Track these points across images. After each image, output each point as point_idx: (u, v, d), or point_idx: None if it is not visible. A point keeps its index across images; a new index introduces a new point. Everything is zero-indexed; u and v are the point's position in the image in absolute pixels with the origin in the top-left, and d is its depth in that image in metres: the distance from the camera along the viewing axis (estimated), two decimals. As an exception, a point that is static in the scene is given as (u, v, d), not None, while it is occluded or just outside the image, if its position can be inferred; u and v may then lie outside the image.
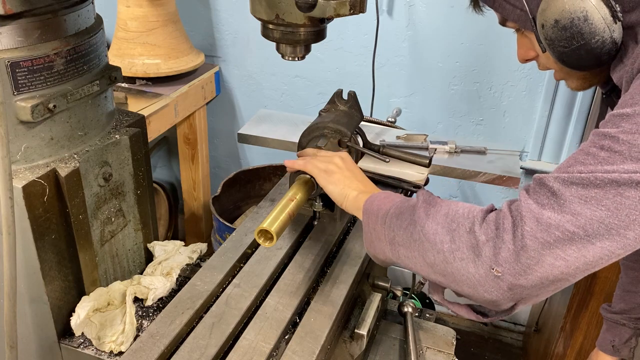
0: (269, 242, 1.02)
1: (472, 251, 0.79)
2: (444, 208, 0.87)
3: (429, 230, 0.85)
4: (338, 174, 1.10)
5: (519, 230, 0.76)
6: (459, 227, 0.82)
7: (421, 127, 2.44)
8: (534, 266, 0.75)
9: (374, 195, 1.02)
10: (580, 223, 0.73)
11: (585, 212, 0.72)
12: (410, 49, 2.33)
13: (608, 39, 0.84)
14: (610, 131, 0.75)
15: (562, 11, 0.84)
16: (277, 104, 2.65)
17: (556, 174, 0.77)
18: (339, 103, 1.34)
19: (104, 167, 1.14)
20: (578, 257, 0.73)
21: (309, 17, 1.03)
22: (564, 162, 0.79)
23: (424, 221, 0.87)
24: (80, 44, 1.06)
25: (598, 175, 0.73)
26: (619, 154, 0.73)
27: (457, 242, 0.81)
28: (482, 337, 2.74)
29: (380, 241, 0.95)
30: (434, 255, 0.84)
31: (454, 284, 0.83)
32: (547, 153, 2.36)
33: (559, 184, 0.75)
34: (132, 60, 2.26)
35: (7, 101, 0.97)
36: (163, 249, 1.32)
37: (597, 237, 0.72)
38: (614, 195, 0.71)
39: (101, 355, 1.09)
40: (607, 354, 1.43)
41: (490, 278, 0.77)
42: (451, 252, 0.81)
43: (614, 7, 0.82)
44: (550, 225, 0.74)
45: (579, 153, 0.78)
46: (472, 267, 0.79)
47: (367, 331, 1.14)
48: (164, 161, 3.06)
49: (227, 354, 0.99)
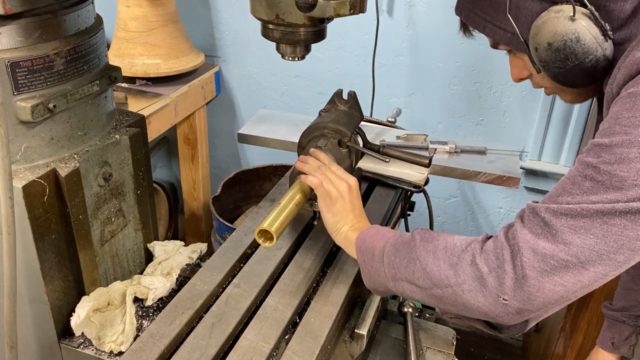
0: (269, 242, 1.02)
1: (478, 282, 0.85)
2: (441, 243, 0.92)
3: (432, 267, 0.90)
4: (339, 205, 1.11)
5: (518, 260, 0.81)
6: (460, 260, 0.87)
7: (421, 127, 2.44)
8: (536, 293, 0.81)
9: (363, 232, 1.06)
10: (572, 252, 0.78)
11: (576, 241, 0.78)
12: (410, 49, 2.33)
13: (601, 56, 0.87)
14: (592, 161, 0.79)
15: (554, 34, 0.87)
16: (277, 104, 2.65)
17: (547, 205, 0.82)
18: (339, 103, 1.33)
19: (104, 167, 1.14)
20: (575, 282, 0.79)
21: (309, 17, 1.03)
22: (554, 190, 0.84)
23: (425, 259, 0.91)
24: (80, 44, 1.06)
25: (584, 207, 0.78)
26: (602, 184, 0.77)
27: (462, 275, 0.86)
28: (482, 337, 2.73)
29: (380, 277, 1.00)
30: (442, 290, 0.89)
31: (465, 312, 0.90)
32: (547, 153, 2.36)
33: (549, 215, 0.80)
34: (132, 60, 2.26)
35: (7, 101, 0.97)
36: (163, 249, 1.32)
37: (590, 263, 0.78)
38: (600, 224, 0.77)
39: (101, 355, 1.09)
40: (607, 351, 1.43)
41: (499, 305, 0.83)
42: (458, 285, 0.87)
43: (603, 26, 0.86)
44: (545, 255, 0.79)
45: (566, 182, 0.82)
46: (481, 297, 0.85)
47: (367, 331, 1.14)
48: (164, 161, 3.06)
49: (227, 354, 0.99)
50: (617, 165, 0.76)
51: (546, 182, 2.41)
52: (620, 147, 0.76)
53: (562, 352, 2.07)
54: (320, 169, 1.14)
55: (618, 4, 0.86)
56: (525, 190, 2.48)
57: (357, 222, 1.10)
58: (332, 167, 1.16)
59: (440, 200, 2.61)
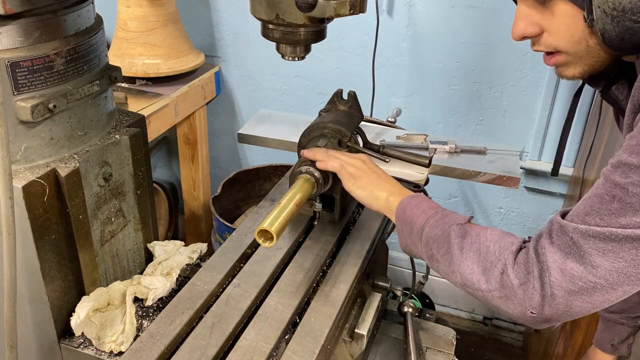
0: (269, 242, 1.02)
1: (509, 291, 0.86)
2: (475, 243, 0.92)
3: (465, 269, 0.92)
4: (365, 178, 1.12)
5: (547, 278, 0.82)
6: (493, 267, 0.88)
7: (421, 127, 2.44)
8: (564, 309, 0.83)
9: (405, 201, 1.06)
10: (601, 274, 0.79)
11: (604, 264, 0.79)
12: (410, 49, 2.33)
13: None
14: (620, 181, 0.78)
15: None
16: (277, 104, 2.65)
17: (575, 225, 0.82)
18: (339, 103, 1.33)
19: (104, 167, 1.14)
20: (603, 300, 0.81)
21: (309, 17, 1.03)
22: (582, 205, 0.83)
23: (458, 260, 0.93)
24: (80, 44, 1.06)
25: (613, 231, 0.77)
26: (630, 206, 0.77)
27: (493, 283, 0.88)
28: (482, 337, 2.73)
29: (416, 249, 1.04)
30: (473, 291, 0.92)
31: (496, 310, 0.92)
32: (547, 153, 2.36)
33: (578, 236, 0.81)
34: (132, 60, 2.26)
35: (7, 101, 0.97)
36: (163, 249, 1.32)
37: (619, 285, 0.79)
38: (629, 249, 0.77)
39: (101, 355, 1.09)
40: (607, 352, 1.43)
41: (527, 315, 0.86)
42: (489, 291, 0.89)
43: None
44: (573, 277, 0.80)
45: (594, 200, 0.81)
46: (510, 305, 0.87)
47: (367, 331, 1.14)
48: (164, 161, 3.06)
49: (227, 354, 0.99)
50: None
51: (546, 182, 2.41)
52: None
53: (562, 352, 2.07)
54: (331, 155, 1.17)
55: None
56: (525, 190, 2.48)
57: (391, 186, 1.12)
58: (338, 153, 1.19)
59: (440, 200, 2.61)
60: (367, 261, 1.26)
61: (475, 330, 2.77)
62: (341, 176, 1.14)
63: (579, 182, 2.13)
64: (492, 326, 2.79)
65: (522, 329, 2.76)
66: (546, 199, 2.48)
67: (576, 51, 0.89)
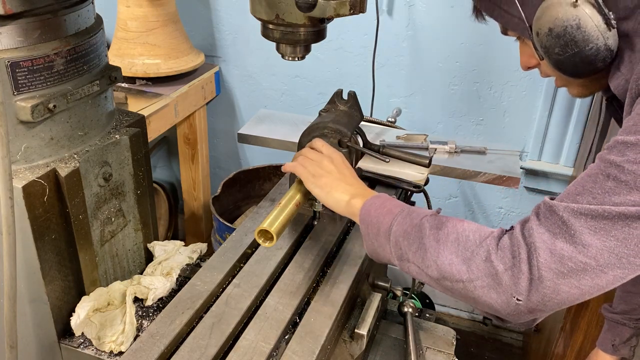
0: (269, 242, 1.02)
1: (492, 279, 0.82)
2: (451, 232, 0.88)
3: (443, 261, 0.87)
4: (325, 178, 1.08)
5: (534, 260, 0.79)
6: (474, 255, 0.84)
7: (421, 127, 2.44)
8: (551, 294, 0.79)
9: (368, 202, 1.01)
10: (591, 254, 0.76)
11: (595, 243, 0.75)
12: (410, 49, 2.33)
13: (602, 46, 0.85)
14: (616, 159, 0.76)
15: (555, 19, 0.85)
16: (277, 104, 2.65)
17: (566, 203, 0.79)
18: (339, 103, 1.33)
19: (104, 167, 1.14)
20: (592, 285, 0.78)
21: (309, 17, 1.03)
22: (573, 187, 0.81)
23: (435, 251, 0.88)
24: (80, 44, 1.06)
25: (606, 208, 0.75)
26: (625, 184, 0.75)
27: (476, 271, 0.84)
28: (482, 337, 2.73)
29: (385, 252, 0.98)
30: (452, 283, 0.87)
31: (475, 305, 0.87)
32: (547, 153, 2.36)
33: (568, 214, 0.78)
34: (132, 60, 2.26)
35: (7, 101, 0.97)
36: (163, 249, 1.32)
37: (609, 267, 0.76)
38: (622, 227, 0.74)
39: (101, 355, 1.09)
40: (608, 353, 1.43)
41: (512, 304, 0.81)
42: (470, 281, 0.84)
43: (607, 15, 0.83)
44: (563, 257, 0.77)
45: (586, 180, 0.80)
46: (494, 294, 0.83)
47: (367, 331, 1.14)
48: (164, 161, 3.06)
49: (227, 354, 0.99)
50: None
51: (546, 182, 2.41)
52: None
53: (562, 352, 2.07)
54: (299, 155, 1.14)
55: None
56: (525, 190, 2.48)
57: (354, 188, 1.07)
58: (316, 144, 1.16)
59: (440, 200, 2.61)
60: (367, 261, 1.26)
61: (475, 330, 2.77)
62: (299, 175, 1.11)
63: (579, 182, 2.13)
64: (492, 326, 2.79)
65: (522, 329, 2.76)
66: (546, 199, 2.48)
67: (560, 76, 0.98)
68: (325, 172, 1.09)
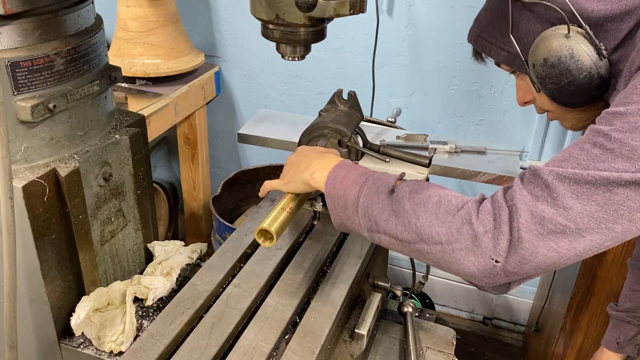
0: (269, 242, 1.02)
1: (472, 242, 0.82)
2: (433, 195, 0.88)
3: (422, 222, 0.86)
4: (289, 171, 1.07)
5: (515, 222, 0.79)
6: (455, 218, 0.84)
7: (421, 127, 2.44)
8: (529, 257, 0.79)
9: (331, 175, 0.98)
10: (571, 217, 0.77)
11: (576, 207, 0.77)
12: (410, 49, 2.33)
13: (595, 74, 0.89)
14: (604, 129, 0.78)
15: (550, 50, 0.90)
16: (277, 104, 2.65)
17: (550, 167, 0.80)
18: (339, 103, 1.34)
19: (104, 167, 1.15)
20: (569, 249, 0.78)
21: (309, 17, 1.03)
22: (559, 154, 0.82)
23: (414, 212, 0.87)
24: (80, 44, 1.06)
25: (590, 173, 0.76)
26: (611, 152, 0.76)
27: (455, 234, 0.83)
28: (482, 337, 2.73)
29: (353, 225, 0.96)
30: (428, 246, 0.86)
31: (449, 269, 0.86)
32: (547, 153, 2.36)
33: (552, 178, 0.79)
34: (132, 60, 2.26)
35: (7, 101, 0.97)
36: (163, 249, 1.32)
37: (587, 231, 0.77)
38: (603, 192, 0.76)
39: (101, 355, 1.09)
40: (612, 351, 1.43)
41: (489, 266, 0.81)
42: (449, 243, 0.84)
43: (598, 45, 0.88)
44: (543, 219, 0.78)
45: (573, 147, 0.81)
46: (472, 256, 0.82)
47: (367, 331, 1.14)
48: (164, 161, 3.06)
49: (227, 354, 0.99)
50: (630, 133, 0.75)
51: (546, 182, 2.41)
52: (636, 115, 0.75)
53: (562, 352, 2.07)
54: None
55: (614, 24, 0.88)
56: (525, 190, 2.48)
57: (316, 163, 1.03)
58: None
59: (440, 200, 2.61)
60: (367, 261, 1.26)
61: (475, 330, 2.77)
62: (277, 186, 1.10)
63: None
64: (492, 326, 2.79)
65: (522, 329, 2.76)
66: (546, 199, 2.48)
67: (555, 109, 1.02)
68: (288, 167, 1.09)
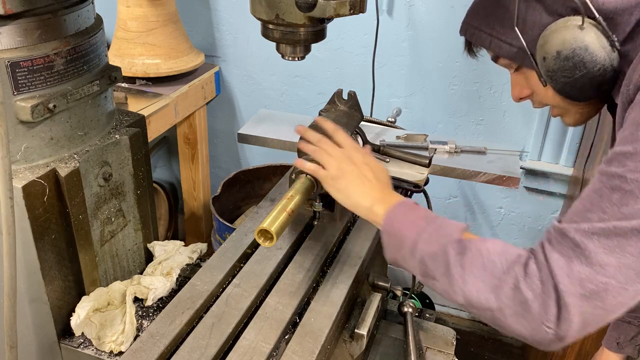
0: (269, 242, 1.02)
1: (522, 307, 0.81)
2: (477, 259, 0.86)
3: (470, 289, 0.85)
4: (344, 179, 1.03)
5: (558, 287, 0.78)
6: (503, 283, 0.82)
7: (421, 127, 2.44)
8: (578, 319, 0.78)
9: (390, 212, 0.97)
10: (610, 273, 0.75)
11: (612, 262, 0.75)
12: (410, 49, 2.33)
13: (609, 66, 0.88)
14: (617, 171, 0.77)
15: (563, 42, 0.88)
16: (277, 104, 2.65)
17: (576, 225, 0.79)
18: (339, 103, 1.33)
19: (104, 167, 1.14)
20: (615, 304, 0.77)
21: (309, 17, 1.03)
22: (579, 204, 0.81)
23: (462, 279, 0.86)
24: (80, 44, 1.06)
25: (617, 224, 0.75)
26: (631, 194, 0.75)
27: (505, 299, 0.82)
28: (482, 337, 2.73)
29: (407, 264, 0.96)
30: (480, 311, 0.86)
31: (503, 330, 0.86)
32: (547, 153, 2.36)
33: (580, 236, 0.77)
34: (132, 60, 2.26)
35: (7, 101, 0.97)
36: (163, 249, 1.32)
37: (629, 283, 0.76)
38: (635, 242, 0.74)
39: (101, 355, 1.09)
40: (613, 351, 1.43)
41: (541, 331, 0.80)
42: (500, 310, 0.83)
43: (611, 37, 0.87)
44: (582, 280, 0.76)
45: (592, 196, 0.79)
46: (524, 322, 0.81)
47: (367, 331, 1.14)
48: (164, 161, 3.06)
49: (227, 354, 0.99)
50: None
51: (546, 182, 2.41)
52: None
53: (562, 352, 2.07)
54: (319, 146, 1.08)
55: (624, 17, 0.87)
56: (525, 190, 2.48)
57: (376, 192, 1.02)
58: (338, 137, 1.09)
59: (440, 200, 2.61)
60: (367, 261, 1.26)
61: (475, 330, 2.77)
62: (319, 178, 1.07)
63: (579, 182, 2.13)
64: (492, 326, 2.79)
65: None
66: (546, 199, 2.48)
67: (559, 104, 1.00)
68: (345, 172, 1.04)
